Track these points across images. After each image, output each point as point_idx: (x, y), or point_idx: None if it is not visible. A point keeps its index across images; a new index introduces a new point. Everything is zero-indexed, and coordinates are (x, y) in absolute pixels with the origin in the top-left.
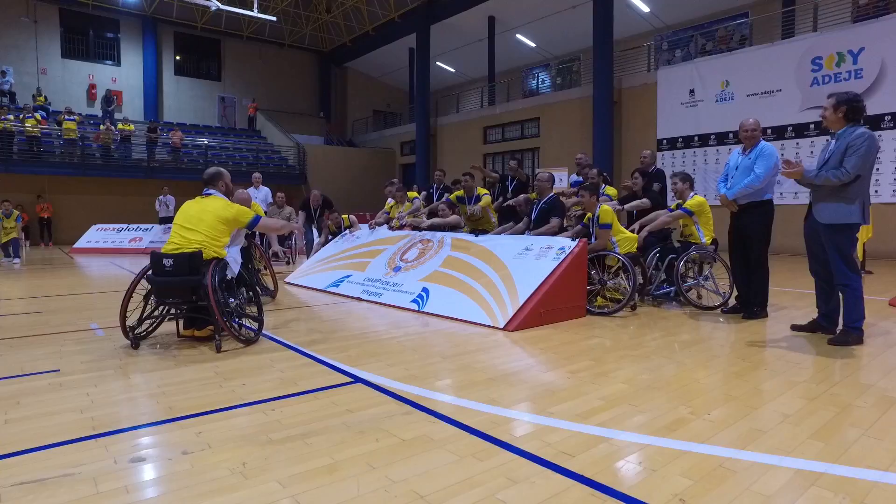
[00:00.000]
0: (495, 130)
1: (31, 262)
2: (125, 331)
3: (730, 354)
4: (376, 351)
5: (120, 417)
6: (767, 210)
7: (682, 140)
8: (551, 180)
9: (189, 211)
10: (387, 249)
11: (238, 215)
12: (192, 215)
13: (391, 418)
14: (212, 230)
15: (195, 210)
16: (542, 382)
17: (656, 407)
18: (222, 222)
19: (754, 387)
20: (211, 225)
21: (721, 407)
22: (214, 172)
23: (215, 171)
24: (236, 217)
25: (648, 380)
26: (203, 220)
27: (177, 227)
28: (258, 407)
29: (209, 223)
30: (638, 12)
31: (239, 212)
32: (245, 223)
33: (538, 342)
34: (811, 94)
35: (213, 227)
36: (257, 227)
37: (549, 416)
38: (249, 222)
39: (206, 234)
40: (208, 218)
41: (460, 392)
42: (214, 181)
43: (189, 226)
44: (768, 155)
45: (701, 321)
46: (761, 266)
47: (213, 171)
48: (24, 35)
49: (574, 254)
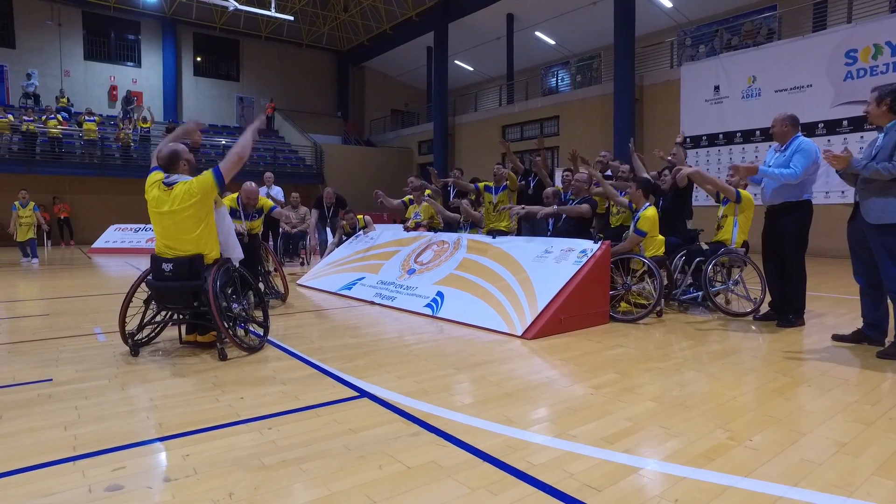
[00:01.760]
0: (514, 129)
1: (50, 261)
2: (124, 337)
3: (766, 368)
4: (386, 361)
5: (105, 436)
6: (805, 212)
7: (706, 138)
8: (589, 181)
9: (163, 222)
10: (401, 251)
11: (202, 185)
12: (167, 227)
13: (397, 440)
14: (195, 231)
15: (167, 219)
16: (562, 399)
17: (690, 430)
18: (194, 206)
19: (798, 407)
20: (190, 226)
21: (764, 431)
22: (171, 152)
23: (172, 151)
24: (202, 188)
25: (679, 397)
26: (180, 227)
27: (159, 238)
28: (254, 425)
29: (188, 226)
30: (660, 7)
31: (200, 182)
32: (211, 182)
33: (558, 352)
34: (844, 89)
35: (194, 227)
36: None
37: (571, 440)
38: (215, 182)
39: (194, 239)
40: (184, 221)
41: (474, 409)
42: (174, 163)
43: (172, 245)
44: (806, 150)
45: (731, 329)
46: (797, 271)
47: (169, 150)
48: (49, 38)
49: (597, 257)
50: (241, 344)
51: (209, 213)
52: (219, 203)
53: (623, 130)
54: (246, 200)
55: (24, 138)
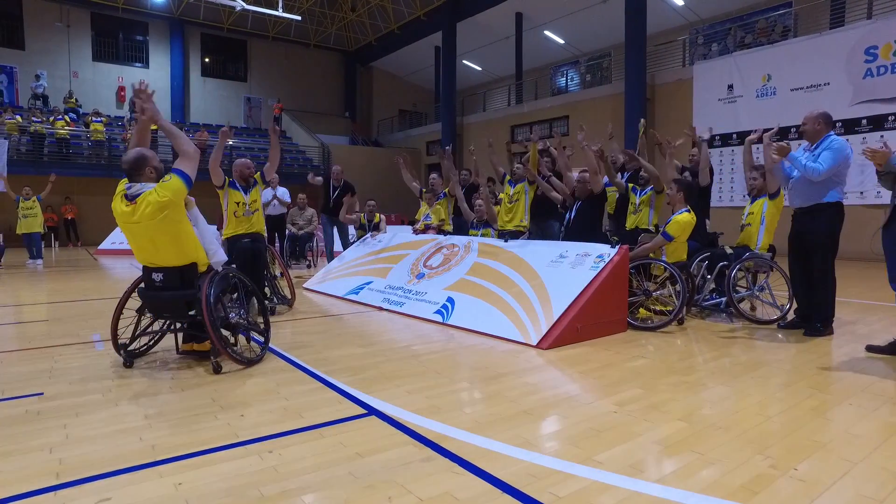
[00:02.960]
0: (523, 129)
1: (56, 262)
2: (116, 348)
3: (800, 383)
4: (395, 373)
5: (92, 460)
6: (834, 214)
7: (719, 138)
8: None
9: (136, 238)
10: (410, 254)
11: (173, 190)
12: (142, 245)
13: (407, 467)
14: (173, 241)
15: (140, 236)
16: (584, 418)
17: (726, 455)
18: (167, 216)
19: (844, 430)
20: (167, 239)
21: (809, 459)
22: (137, 157)
23: (138, 156)
24: (173, 192)
25: (710, 416)
26: (156, 242)
27: (136, 253)
28: (254, 448)
29: (164, 238)
30: (671, 6)
31: (168, 188)
32: (181, 186)
33: (576, 363)
34: (863, 87)
35: (172, 238)
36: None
37: (597, 467)
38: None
39: (175, 250)
40: (159, 235)
41: (490, 430)
42: (139, 169)
43: (153, 260)
44: (836, 148)
45: (756, 338)
46: (826, 277)
47: (135, 155)
48: (58, 39)
49: (614, 262)
50: (236, 357)
51: (184, 217)
52: (190, 205)
53: (634, 130)
54: (243, 172)
55: (32, 139)
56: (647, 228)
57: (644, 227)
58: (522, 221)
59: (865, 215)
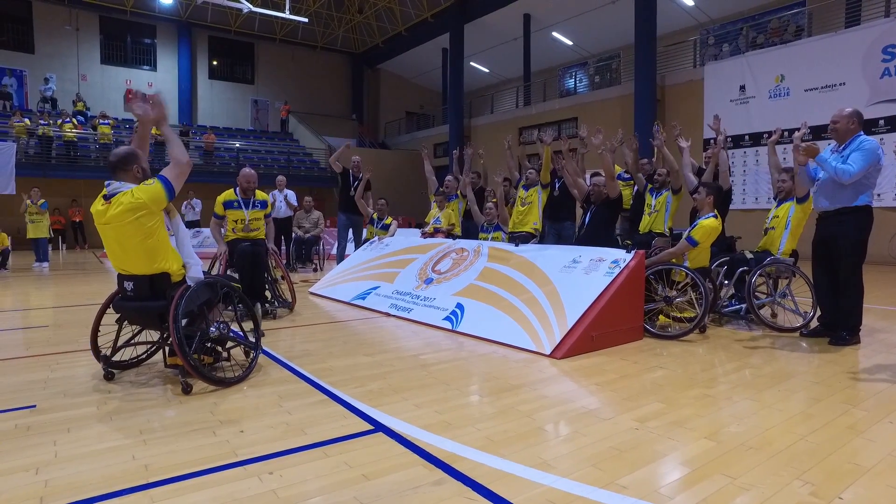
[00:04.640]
0: (531, 131)
1: (63, 266)
2: (98, 359)
3: (831, 397)
4: (403, 385)
5: (80, 481)
6: (863, 218)
7: (731, 139)
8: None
9: (106, 240)
10: (418, 259)
11: (151, 195)
12: (112, 247)
13: (416, 491)
14: (143, 248)
15: (109, 236)
16: (604, 435)
17: (760, 480)
18: (139, 220)
19: (888, 452)
20: (136, 243)
21: (854, 485)
22: (128, 152)
23: (128, 153)
24: (151, 198)
25: (739, 434)
26: (125, 245)
27: (109, 257)
28: (253, 468)
29: (132, 242)
30: (682, 6)
31: (147, 192)
32: (162, 195)
33: (592, 374)
34: (881, 87)
35: (140, 244)
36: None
37: (622, 493)
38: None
39: (144, 258)
40: (128, 238)
41: (504, 449)
42: (127, 165)
43: (123, 266)
44: (867, 150)
45: (779, 347)
46: (853, 284)
47: (125, 150)
48: (67, 43)
49: (630, 268)
50: (207, 377)
51: (159, 225)
52: (172, 213)
53: (644, 131)
54: (245, 185)
55: (39, 142)
56: (661, 232)
57: (659, 230)
58: (534, 225)
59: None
